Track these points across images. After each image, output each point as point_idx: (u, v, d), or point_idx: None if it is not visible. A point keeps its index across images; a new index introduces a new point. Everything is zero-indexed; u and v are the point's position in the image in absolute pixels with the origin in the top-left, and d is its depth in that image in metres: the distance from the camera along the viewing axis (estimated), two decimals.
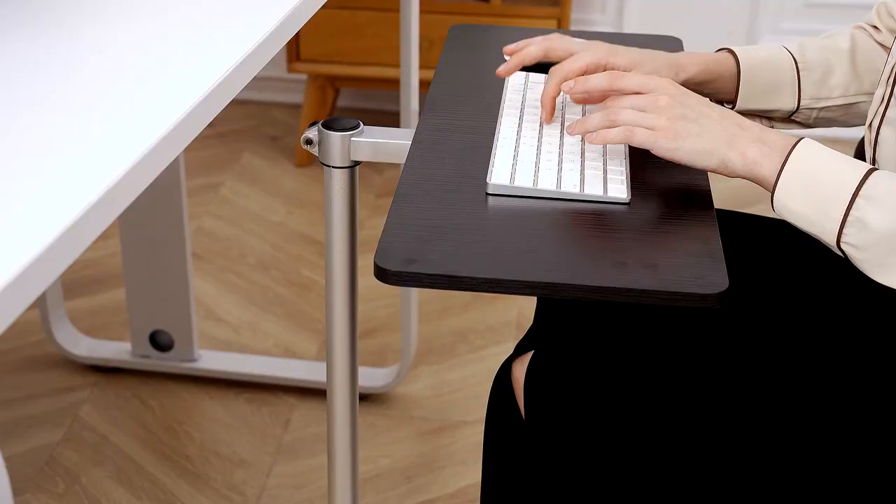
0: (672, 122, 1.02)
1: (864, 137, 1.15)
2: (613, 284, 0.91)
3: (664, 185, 1.05)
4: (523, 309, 2.19)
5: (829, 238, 0.98)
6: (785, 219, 1.01)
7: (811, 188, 0.98)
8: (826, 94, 1.24)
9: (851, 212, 0.96)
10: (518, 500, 1.29)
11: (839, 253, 0.98)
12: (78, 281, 2.25)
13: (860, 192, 0.96)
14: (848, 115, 1.26)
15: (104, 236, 2.35)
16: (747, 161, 1.01)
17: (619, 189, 1.04)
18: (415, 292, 1.85)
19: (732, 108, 1.29)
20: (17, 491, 1.72)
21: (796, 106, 1.24)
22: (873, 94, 1.25)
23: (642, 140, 1.03)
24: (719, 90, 1.25)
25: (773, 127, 1.29)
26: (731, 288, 0.91)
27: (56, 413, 1.90)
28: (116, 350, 2.00)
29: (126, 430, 1.87)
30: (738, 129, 1.02)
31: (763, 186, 1.01)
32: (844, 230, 0.96)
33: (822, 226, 0.98)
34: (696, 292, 0.90)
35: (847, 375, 1.10)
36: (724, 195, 2.51)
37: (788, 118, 1.27)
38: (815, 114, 1.26)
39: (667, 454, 1.11)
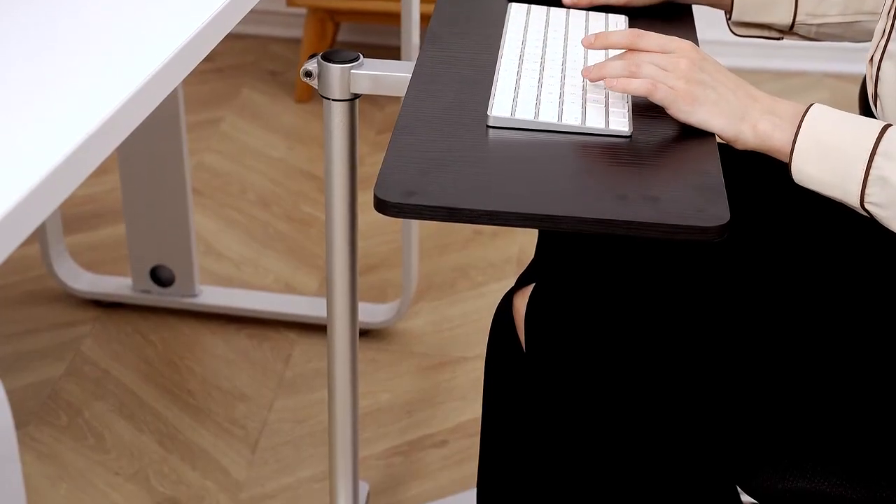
0: (690, 87, 1.02)
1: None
2: (614, 217, 0.90)
3: (666, 119, 1.04)
4: (524, 245, 2.19)
5: (852, 200, 0.97)
6: (805, 186, 1.00)
7: (827, 153, 0.98)
8: (823, 12, 1.24)
9: (871, 171, 0.96)
10: (518, 433, 1.30)
11: (864, 214, 0.98)
12: (77, 216, 2.25)
13: (877, 150, 0.96)
14: (850, 32, 1.26)
15: (103, 171, 2.34)
16: (759, 134, 1.01)
17: (620, 122, 1.03)
18: (415, 228, 1.85)
19: (729, 19, 1.29)
20: (19, 424, 1.73)
21: (792, 21, 1.24)
22: (876, 14, 1.24)
23: (663, 97, 1.02)
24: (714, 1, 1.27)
25: (780, 39, 1.29)
26: (732, 221, 0.91)
27: (57, 347, 1.91)
28: (117, 285, 2.00)
29: (128, 365, 1.88)
30: (751, 101, 1.02)
31: (779, 158, 1.01)
32: (867, 190, 0.96)
33: (843, 189, 0.97)
34: (697, 225, 0.90)
35: (846, 309, 1.11)
36: None
37: (789, 31, 1.27)
38: (814, 29, 1.25)
39: (666, 386, 1.12)
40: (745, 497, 1.29)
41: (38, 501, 1.60)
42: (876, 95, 1.09)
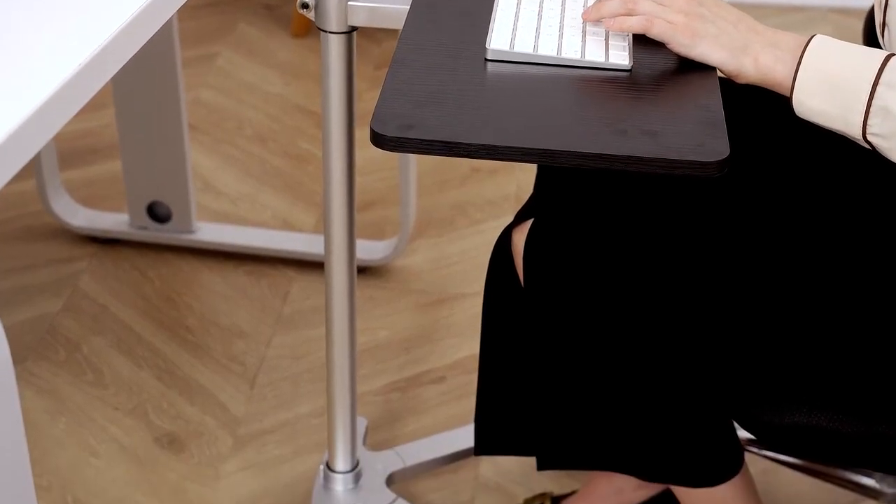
0: (690, 20, 1.01)
1: (872, 8, 1.12)
2: (613, 152, 0.90)
3: (666, 53, 1.03)
4: (522, 182, 2.19)
5: (854, 132, 0.96)
6: (807, 119, 0.99)
7: (829, 84, 0.97)
8: None
9: (874, 101, 0.94)
10: (516, 369, 1.30)
11: (866, 145, 0.97)
12: (73, 151, 2.24)
13: (880, 80, 0.94)
14: None
15: (99, 106, 2.32)
16: (760, 67, 1.00)
17: (620, 56, 1.02)
18: (413, 165, 1.84)
19: None
20: (18, 359, 1.74)
21: None
22: None
23: (660, 32, 1.01)
24: None
25: None
26: (731, 156, 0.90)
27: (55, 283, 1.91)
28: (114, 221, 2.00)
29: (125, 301, 1.88)
30: (753, 34, 1.01)
31: (780, 91, 1.00)
32: (869, 121, 0.95)
33: (845, 120, 0.96)
34: (697, 160, 0.89)
35: (845, 243, 1.10)
36: None
37: None
38: None
39: (664, 320, 1.12)
40: (741, 433, 1.29)
41: (37, 436, 1.61)
42: (884, 24, 1.07)
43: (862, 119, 0.95)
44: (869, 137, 0.96)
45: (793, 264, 1.10)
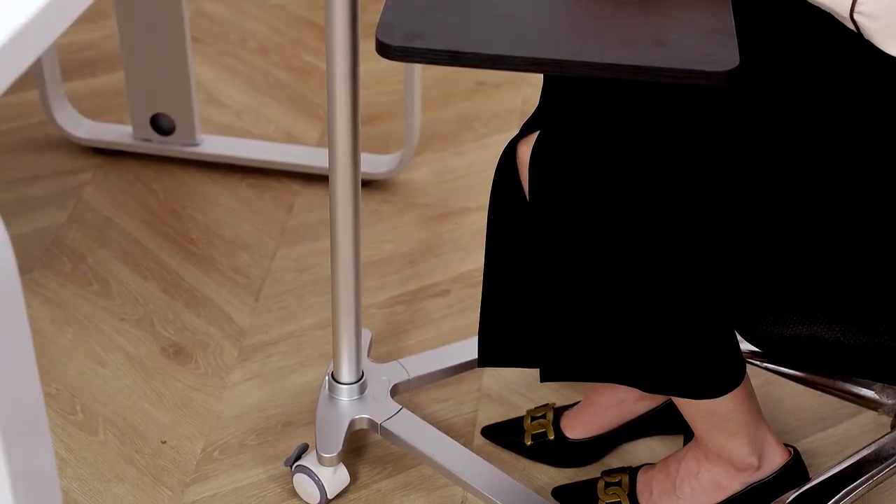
0: None
1: None
2: (620, 62, 0.89)
3: None
4: (528, 96, 2.17)
5: (841, 9, 0.95)
6: None
7: None
8: None
9: None
10: (520, 282, 1.31)
11: (852, 27, 0.96)
12: (75, 63, 2.22)
13: None
14: None
15: (100, 17, 2.30)
16: None
17: None
18: (418, 78, 1.82)
19: None
20: (24, 269, 1.74)
21: None
22: None
23: None
24: None
25: None
26: (741, 66, 0.89)
27: (60, 194, 1.91)
28: (118, 133, 1.99)
29: (130, 213, 1.88)
30: None
31: None
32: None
33: None
34: (705, 70, 0.88)
35: (847, 156, 1.10)
36: None
37: None
38: None
39: (668, 232, 1.12)
40: (744, 345, 1.30)
41: (45, 345, 1.63)
42: None
43: None
44: (856, 16, 0.95)
45: (796, 174, 1.09)
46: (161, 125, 1.96)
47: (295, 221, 1.88)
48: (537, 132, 1.17)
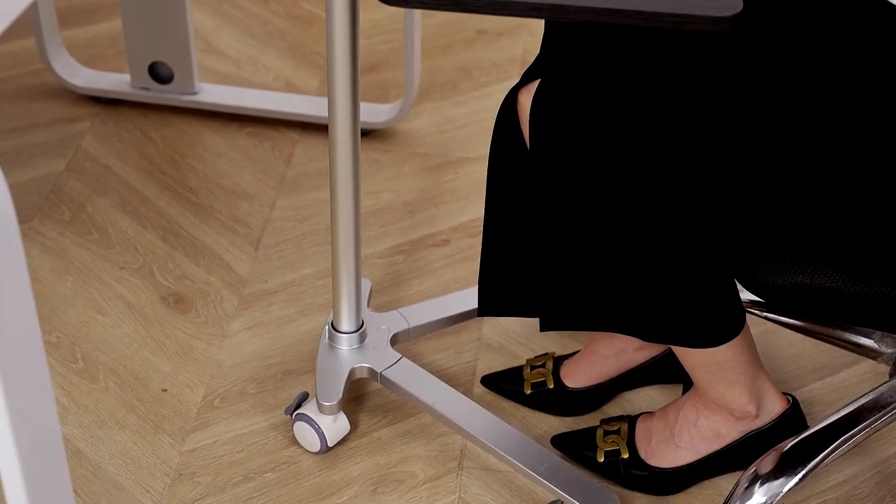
0: None
1: None
2: (623, 6, 0.88)
3: None
4: (528, 45, 2.16)
5: None
6: None
7: None
8: None
9: None
10: (520, 230, 1.30)
11: None
12: (73, 10, 2.20)
13: None
14: None
15: None
16: None
17: None
18: (417, 27, 1.80)
19: None
20: (23, 218, 1.74)
21: None
22: None
23: None
24: None
25: None
26: (744, 11, 0.88)
27: (58, 143, 1.90)
28: (116, 81, 1.98)
29: (129, 162, 1.87)
30: None
31: None
32: None
33: None
34: (709, 15, 0.87)
35: (850, 101, 1.09)
36: None
37: None
38: None
39: (669, 179, 1.11)
40: (744, 294, 1.30)
41: (45, 293, 1.63)
42: None
43: None
44: None
45: (796, 121, 1.09)
46: (159, 73, 1.95)
47: (294, 171, 1.88)
48: (538, 80, 1.16)
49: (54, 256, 1.69)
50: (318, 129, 1.94)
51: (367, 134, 1.93)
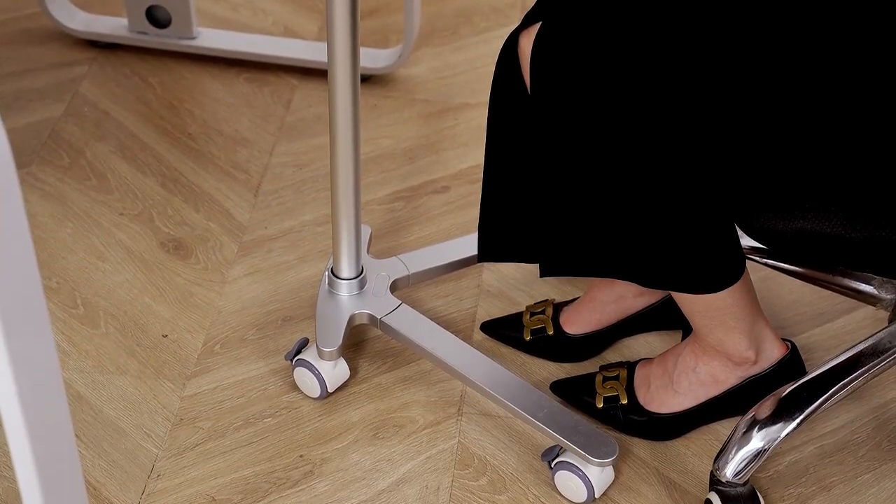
0: None
1: None
2: None
3: None
4: None
5: None
6: None
7: None
8: None
9: None
10: (520, 176, 1.30)
11: None
12: None
13: None
14: None
15: None
16: None
17: None
18: None
19: None
20: (21, 163, 1.74)
21: None
22: None
23: None
24: None
25: None
26: None
27: (56, 88, 1.89)
28: (113, 25, 1.96)
29: (127, 107, 1.86)
30: None
31: None
32: None
33: None
34: None
35: (852, 49, 1.08)
36: None
37: None
38: None
39: (670, 123, 1.11)
40: (744, 241, 1.30)
41: (44, 239, 1.63)
42: None
43: None
44: None
45: (797, 66, 1.08)
46: (157, 17, 1.93)
47: (293, 117, 1.87)
48: (539, 23, 1.15)
49: (53, 202, 1.69)
50: (317, 74, 1.93)
51: (367, 79, 1.92)
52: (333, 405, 1.43)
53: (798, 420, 1.24)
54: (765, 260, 1.44)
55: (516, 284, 1.60)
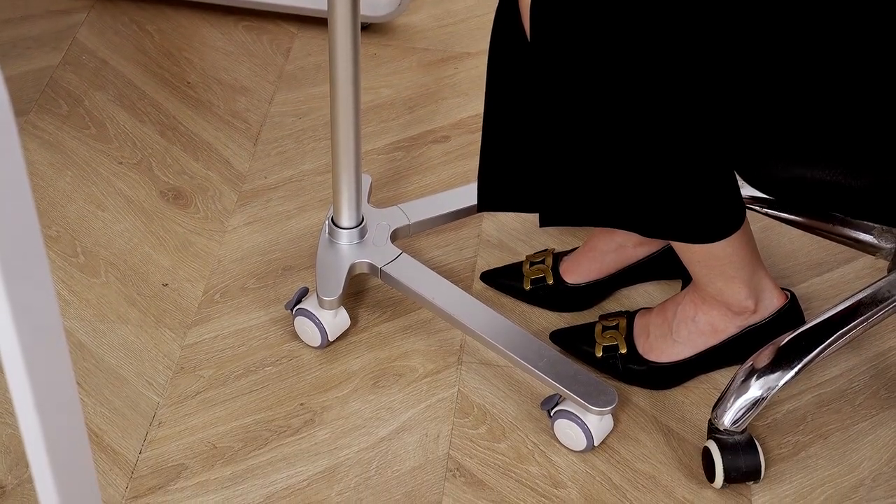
0: None
1: None
2: None
3: None
4: None
5: None
6: None
7: None
8: None
9: None
10: (519, 125, 1.29)
11: None
12: None
13: None
14: None
15: None
16: None
17: None
18: None
19: None
20: (20, 111, 1.73)
21: None
22: None
23: None
24: None
25: None
26: None
27: (54, 35, 1.88)
28: None
29: (125, 56, 1.85)
30: None
31: None
32: None
33: None
34: None
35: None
36: None
37: None
38: None
39: (671, 73, 1.10)
40: (744, 190, 1.30)
41: (43, 188, 1.62)
42: None
43: None
44: None
45: (797, 15, 1.07)
46: None
47: (292, 65, 1.86)
48: None
49: (52, 151, 1.68)
50: (316, 22, 1.92)
51: (366, 28, 1.90)
52: (334, 354, 1.44)
53: (796, 369, 1.25)
54: (765, 209, 1.43)
55: (516, 234, 1.60)
